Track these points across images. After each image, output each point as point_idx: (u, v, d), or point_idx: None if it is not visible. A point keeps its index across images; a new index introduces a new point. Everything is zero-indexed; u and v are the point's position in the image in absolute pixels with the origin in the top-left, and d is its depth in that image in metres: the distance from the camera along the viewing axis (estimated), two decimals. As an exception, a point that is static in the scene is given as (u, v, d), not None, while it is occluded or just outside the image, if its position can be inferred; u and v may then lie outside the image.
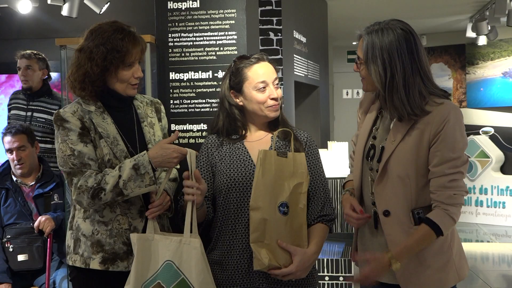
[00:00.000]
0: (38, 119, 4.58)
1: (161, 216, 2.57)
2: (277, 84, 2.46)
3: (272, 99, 2.43)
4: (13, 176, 3.91)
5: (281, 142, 2.48)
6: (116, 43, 2.42)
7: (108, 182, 2.36)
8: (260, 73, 2.44)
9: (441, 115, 2.17)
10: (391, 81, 2.18)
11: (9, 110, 4.72)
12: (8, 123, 4.72)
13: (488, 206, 8.63)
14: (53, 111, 4.57)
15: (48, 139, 4.43)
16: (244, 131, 2.50)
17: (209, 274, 2.31)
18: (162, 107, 2.73)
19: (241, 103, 2.48)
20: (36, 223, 3.76)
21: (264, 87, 2.43)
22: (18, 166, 3.84)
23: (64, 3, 5.43)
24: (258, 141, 2.49)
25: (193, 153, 2.37)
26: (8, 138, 3.82)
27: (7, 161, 3.94)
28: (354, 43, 11.56)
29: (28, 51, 4.67)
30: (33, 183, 3.93)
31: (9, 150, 3.84)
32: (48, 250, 3.75)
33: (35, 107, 4.62)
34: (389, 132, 2.26)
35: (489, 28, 7.69)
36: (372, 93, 2.41)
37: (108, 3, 5.33)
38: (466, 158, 2.21)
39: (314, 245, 2.40)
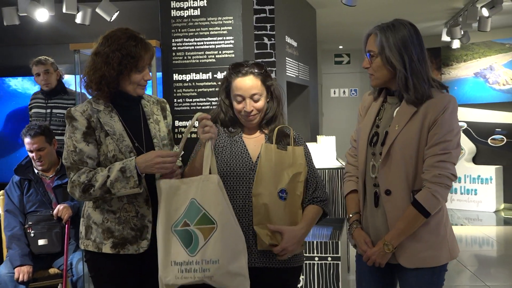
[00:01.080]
0: (57, 114, 4.60)
1: None
2: (256, 98, 2.41)
3: (245, 111, 2.41)
4: (34, 169, 3.90)
5: (281, 139, 2.48)
6: (131, 49, 2.41)
7: (98, 180, 2.37)
8: (239, 87, 2.41)
9: (442, 103, 2.20)
10: (405, 69, 2.20)
11: (30, 109, 4.72)
12: (30, 121, 4.72)
13: (461, 193, 8.66)
14: (70, 104, 4.59)
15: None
16: (240, 128, 2.51)
17: (228, 205, 2.28)
18: (167, 106, 2.71)
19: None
20: (55, 211, 3.76)
21: (240, 100, 2.42)
22: (38, 163, 3.84)
23: (78, 12, 5.44)
24: (254, 138, 2.50)
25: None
26: (27, 140, 3.80)
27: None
28: (340, 46, 11.57)
29: (42, 58, 4.67)
30: (52, 175, 3.92)
31: (29, 150, 3.83)
32: (66, 235, 3.75)
33: (54, 104, 4.63)
34: (393, 119, 2.27)
35: (462, 33, 7.69)
36: (373, 93, 2.42)
37: (118, 12, 5.33)
38: (457, 143, 2.21)
39: (302, 222, 2.42)
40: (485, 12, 6.43)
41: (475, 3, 6.68)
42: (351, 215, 2.42)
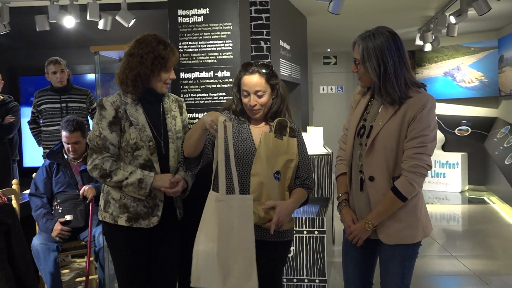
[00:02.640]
0: (73, 107, 4.57)
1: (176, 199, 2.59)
2: (260, 94, 2.41)
3: (250, 105, 2.42)
4: (64, 154, 3.88)
5: (279, 129, 2.46)
6: (161, 52, 2.43)
7: (117, 175, 2.42)
8: (246, 83, 2.41)
9: (421, 101, 2.16)
10: (384, 73, 2.15)
11: (39, 105, 4.63)
12: (37, 116, 4.65)
13: (432, 176, 8.66)
14: (82, 99, 4.56)
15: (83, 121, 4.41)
16: (248, 118, 2.50)
17: None
18: (184, 104, 2.72)
19: None
20: (81, 191, 3.74)
21: (246, 95, 2.42)
22: (72, 153, 3.82)
23: (100, 19, 5.41)
24: (259, 128, 2.48)
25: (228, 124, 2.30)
26: (65, 133, 3.76)
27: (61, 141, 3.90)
28: (328, 49, 11.52)
29: (56, 58, 4.61)
30: (80, 160, 3.89)
31: (66, 142, 3.80)
32: (90, 212, 3.73)
33: (68, 99, 4.59)
34: (377, 115, 2.24)
35: (433, 38, 7.67)
36: (363, 89, 2.38)
37: (134, 19, 5.30)
38: (433, 137, 2.19)
39: (292, 198, 2.42)
40: (452, 19, 6.39)
41: (444, 11, 6.65)
42: (340, 195, 2.39)
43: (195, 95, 3.02)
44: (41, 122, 4.66)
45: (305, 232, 4.00)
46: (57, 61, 4.57)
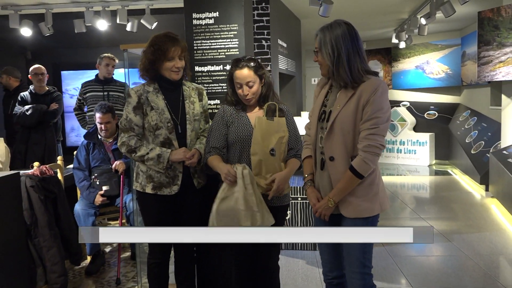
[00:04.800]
0: (114, 95, 4.56)
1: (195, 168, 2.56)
2: (251, 84, 2.38)
3: (243, 95, 2.40)
4: (99, 135, 3.89)
5: (269, 112, 2.45)
6: (160, 44, 2.40)
7: (140, 151, 2.44)
8: (237, 76, 2.39)
9: (373, 85, 1.99)
10: (337, 59, 2.01)
11: (85, 93, 4.63)
12: (82, 103, 4.66)
13: (405, 153, 8.66)
14: (121, 89, 4.56)
15: (120, 107, 4.41)
16: (244, 106, 2.48)
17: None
18: (204, 92, 2.67)
19: None
20: (113, 166, 3.76)
21: (239, 87, 2.40)
22: (103, 132, 3.83)
23: (128, 22, 5.38)
24: (255, 113, 2.46)
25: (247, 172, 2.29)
26: (98, 115, 3.78)
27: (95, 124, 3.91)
28: (319, 47, 11.45)
29: (113, 55, 4.61)
30: (111, 140, 3.91)
31: (99, 122, 3.81)
32: (121, 182, 3.75)
33: (109, 89, 4.59)
34: (336, 101, 2.09)
35: (407, 37, 7.61)
36: (325, 78, 2.23)
37: (157, 22, 5.27)
38: (387, 119, 2.00)
39: (288, 168, 2.40)
40: (423, 21, 6.33)
41: (416, 14, 6.58)
42: (306, 175, 2.23)
43: (208, 85, 3.01)
44: (85, 108, 4.67)
45: (299, 199, 4.02)
46: (113, 58, 4.58)
